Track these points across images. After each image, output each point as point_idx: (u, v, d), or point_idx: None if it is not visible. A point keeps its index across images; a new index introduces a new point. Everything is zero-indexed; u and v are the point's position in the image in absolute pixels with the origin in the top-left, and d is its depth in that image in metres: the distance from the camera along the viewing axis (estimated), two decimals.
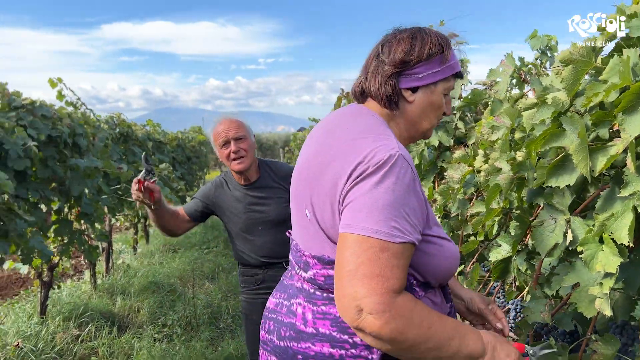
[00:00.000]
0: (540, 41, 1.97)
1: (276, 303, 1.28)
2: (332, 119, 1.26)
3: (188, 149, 8.44)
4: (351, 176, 1.04)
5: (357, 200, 1.01)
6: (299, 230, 1.23)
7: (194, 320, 4.00)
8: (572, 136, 1.22)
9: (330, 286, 1.12)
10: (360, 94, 1.27)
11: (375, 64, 1.22)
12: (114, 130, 4.90)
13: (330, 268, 1.12)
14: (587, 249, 1.16)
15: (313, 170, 1.16)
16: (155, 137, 6.21)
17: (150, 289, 4.70)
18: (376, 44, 1.28)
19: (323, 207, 1.11)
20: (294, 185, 1.27)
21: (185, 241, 7.02)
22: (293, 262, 1.27)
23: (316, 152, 1.18)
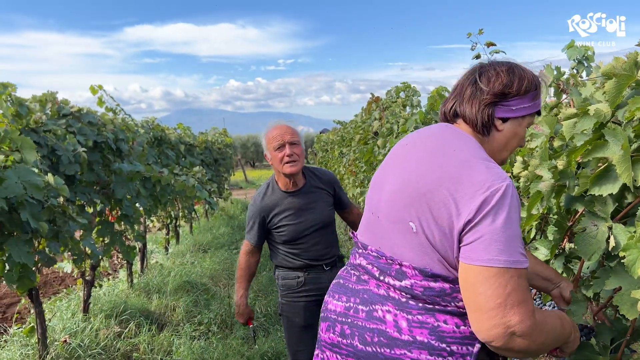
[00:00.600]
0: (577, 51, 2.03)
1: (346, 307, 1.32)
2: (430, 137, 1.34)
3: (215, 152, 8.61)
4: (474, 208, 1.11)
5: (488, 234, 1.10)
6: (392, 237, 1.26)
7: (228, 318, 4.12)
8: (615, 147, 1.28)
9: (429, 298, 1.19)
10: (453, 116, 1.37)
11: (471, 91, 1.33)
12: (148, 134, 5.06)
13: (432, 280, 1.19)
14: (629, 254, 1.22)
15: (421, 188, 1.20)
16: (186, 140, 6.37)
17: (184, 288, 4.84)
18: (469, 70, 1.39)
19: (434, 226, 1.17)
20: (388, 193, 1.30)
21: (214, 241, 7.17)
22: (369, 267, 1.31)
23: (423, 170, 1.23)
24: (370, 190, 1.44)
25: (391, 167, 1.36)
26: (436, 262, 1.19)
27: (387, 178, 1.35)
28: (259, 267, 5.73)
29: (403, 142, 1.42)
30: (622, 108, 1.38)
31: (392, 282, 1.25)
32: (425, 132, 1.39)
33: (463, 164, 1.19)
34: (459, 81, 1.41)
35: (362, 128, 5.13)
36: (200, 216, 9.08)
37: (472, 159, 1.21)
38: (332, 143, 8.38)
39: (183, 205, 5.93)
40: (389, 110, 4.45)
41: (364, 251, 1.35)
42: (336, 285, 1.44)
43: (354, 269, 1.39)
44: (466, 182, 1.15)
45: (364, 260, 1.34)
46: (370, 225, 1.36)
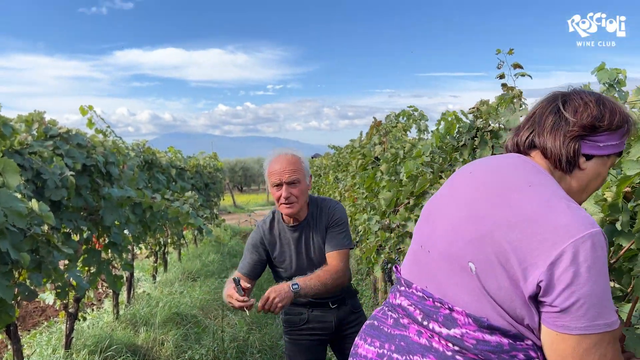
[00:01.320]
0: (608, 74, 1.90)
1: (379, 353, 1.15)
2: (502, 168, 1.16)
3: (205, 176, 8.40)
4: (555, 259, 0.93)
5: (583, 298, 0.92)
6: (444, 276, 1.09)
7: (221, 354, 3.87)
8: None
9: (481, 353, 1.00)
10: (528, 147, 1.19)
11: (554, 120, 1.16)
12: (139, 157, 4.86)
13: (488, 333, 1.00)
14: None
15: (488, 225, 1.03)
16: (177, 164, 6.17)
17: (173, 320, 4.58)
18: (547, 97, 1.22)
19: (499, 271, 0.99)
20: (446, 227, 1.13)
21: (204, 269, 6.91)
22: (411, 309, 1.13)
23: (492, 204, 1.06)
24: (422, 221, 1.26)
25: (451, 198, 1.19)
26: (495, 312, 1.01)
27: (445, 209, 1.17)
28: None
29: (467, 170, 1.24)
30: None
31: (437, 330, 1.06)
32: (495, 162, 1.21)
33: (542, 204, 1.01)
34: (535, 109, 1.24)
35: (361, 153, 4.99)
36: (189, 242, 8.81)
37: (553, 198, 1.03)
38: (327, 168, 8.22)
39: (172, 231, 5.69)
40: (390, 135, 4.31)
41: (406, 289, 1.17)
42: (369, 327, 1.26)
43: (392, 310, 1.21)
44: (545, 225, 0.97)
45: (405, 301, 1.16)
46: (417, 261, 1.19)
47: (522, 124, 1.27)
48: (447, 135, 2.41)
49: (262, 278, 5.21)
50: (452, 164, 2.76)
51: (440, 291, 1.09)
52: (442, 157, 2.48)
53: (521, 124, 1.27)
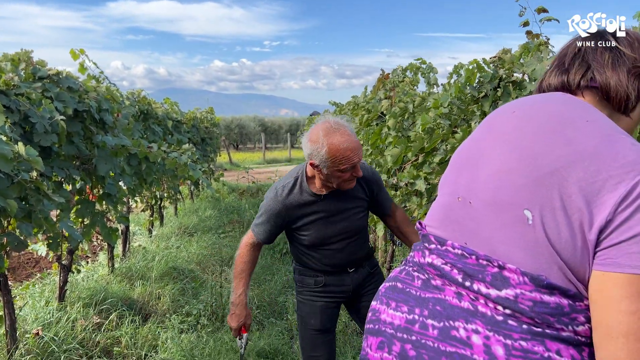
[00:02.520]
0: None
1: (408, 319, 1.00)
2: (551, 105, 1.02)
3: (202, 130, 8.20)
4: (622, 195, 0.82)
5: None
6: (492, 230, 0.94)
7: (219, 310, 3.80)
8: None
9: (539, 316, 0.86)
10: (578, 86, 1.06)
11: (611, 57, 1.03)
12: (134, 106, 4.66)
13: (547, 293, 0.86)
14: None
15: (545, 166, 0.90)
16: (173, 116, 5.97)
17: (170, 275, 4.50)
18: (585, 37, 1.10)
19: (561, 217, 0.86)
20: (490, 172, 0.99)
21: (201, 224, 6.82)
22: (447, 269, 0.98)
23: (547, 143, 0.93)
24: (453, 171, 1.10)
25: (494, 140, 1.03)
26: (555, 268, 0.87)
27: (488, 154, 1.01)
28: None
29: (508, 110, 1.08)
30: None
31: (484, 291, 0.91)
32: (541, 100, 1.06)
33: (604, 139, 0.89)
34: (575, 48, 1.10)
35: (365, 109, 4.80)
36: (185, 197, 8.69)
37: (615, 133, 0.91)
38: None
39: (169, 185, 5.55)
40: (398, 89, 4.12)
41: (438, 247, 1.02)
42: (391, 289, 1.10)
43: (420, 270, 1.06)
44: (610, 160, 0.85)
45: (438, 259, 1.01)
46: (452, 214, 1.03)
47: (559, 65, 1.12)
48: (467, 85, 2.24)
49: (257, 266, 5.11)
50: (468, 118, 2.60)
51: (487, 247, 0.94)
52: (462, 108, 2.31)
53: (557, 65, 1.13)
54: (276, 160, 21.75)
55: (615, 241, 0.82)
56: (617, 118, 1.04)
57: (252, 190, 10.15)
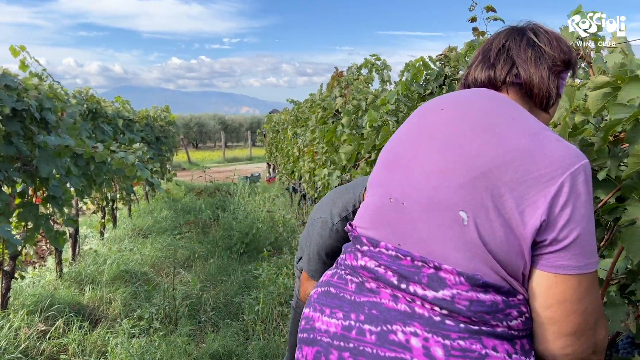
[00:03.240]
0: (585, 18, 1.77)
1: (344, 326, 0.96)
2: (479, 101, 1.02)
3: (157, 129, 8.01)
4: (554, 193, 0.85)
5: (584, 232, 0.86)
6: (426, 231, 0.93)
7: (172, 313, 3.71)
8: None
9: (475, 315, 0.87)
10: (503, 82, 1.09)
11: (533, 54, 1.07)
12: (81, 105, 4.50)
13: (482, 292, 0.87)
14: None
15: (480, 165, 0.90)
16: (125, 115, 5.80)
17: (122, 278, 4.38)
18: (508, 31, 1.14)
19: (495, 217, 0.87)
20: (425, 173, 0.97)
21: (156, 226, 6.66)
22: (381, 271, 0.96)
23: (480, 142, 0.93)
24: (385, 168, 1.07)
25: (426, 139, 1.01)
26: (489, 266, 0.88)
27: (420, 153, 1.00)
28: (206, 254, 5.33)
29: (435, 107, 1.07)
30: None
31: (421, 293, 0.90)
32: (466, 96, 1.06)
33: (531, 137, 0.90)
34: (500, 42, 1.13)
35: (321, 106, 4.80)
36: (140, 198, 8.48)
37: (542, 131, 0.93)
38: (285, 123, 7.98)
39: (121, 186, 5.39)
40: (352, 87, 4.13)
41: (371, 249, 0.99)
42: (324, 295, 1.05)
43: (354, 274, 1.02)
44: (540, 159, 0.87)
45: (371, 262, 0.98)
46: (384, 215, 1.00)
47: (483, 59, 1.14)
48: (414, 82, 2.25)
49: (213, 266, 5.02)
50: None
51: (423, 248, 0.93)
52: (408, 105, 2.33)
53: (482, 59, 1.15)
54: (237, 159, 21.53)
55: (563, 245, 0.85)
56: (536, 113, 1.08)
57: (210, 189, 9.99)
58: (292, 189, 7.84)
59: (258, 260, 5.06)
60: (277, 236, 5.88)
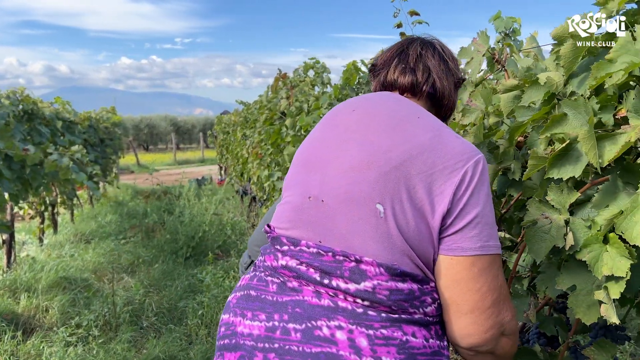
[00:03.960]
0: (505, 23, 1.86)
1: (268, 327, 0.96)
2: (388, 102, 1.09)
3: (101, 131, 7.78)
4: (456, 184, 0.93)
5: (478, 217, 0.94)
6: (345, 226, 0.96)
7: (113, 319, 3.62)
8: (576, 122, 1.09)
9: (395, 304, 0.92)
10: (421, 90, 1.17)
11: (444, 67, 1.18)
12: (16, 106, 4.32)
13: (400, 281, 0.92)
14: (590, 250, 1.04)
15: (393, 160, 0.96)
16: (65, 116, 5.61)
17: (60, 285, 4.23)
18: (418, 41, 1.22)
19: (409, 208, 0.93)
20: (341, 170, 1.00)
21: (99, 230, 6.46)
22: (303, 269, 0.97)
23: (392, 138, 0.99)
24: (302, 170, 1.09)
25: (341, 139, 1.05)
26: (405, 256, 0.93)
27: (336, 152, 1.03)
28: (151, 259, 5.22)
29: (347, 109, 1.11)
30: (575, 78, 1.20)
31: (343, 286, 0.93)
32: (376, 98, 1.12)
33: (435, 133, 1.00)
34: (413, 50, 1.20)
35: (267, 108, 4.80)
36: (84, 202, 8.21)
37: (442, 128, 1.02)
38: (235, 125, 7.92)
39: (61, 190, 5.21)
40: (297, 89, 4.15)
41: (292, 248, 1.00)
42: (244, 299, 1.04)
43: (274, 274, 1.02)
44: (442, 153, 0.96)
45: (292, 261, 0.99)
46: (304, 214, 1.02)
47: (402, 61, 1.21)
48: (347, 86, 2.29)
49: (158, 271, 4.93)
50: None
51: (343, 242, 0.95)
52: None
53: (400, 61, 1.21)
54: (188, 161, 21.17)
55: (458, 227, 0.92)
56: None
57: (158, 193, 9.78)
58: (242, 192, 7.78)
59: (204, 264, 5.00)
60: (225, 239, 5.82)
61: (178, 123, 31.53)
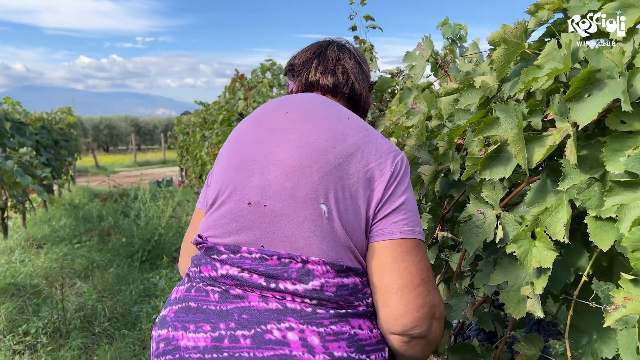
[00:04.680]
0: (452, 30, 1.91)
1: (214, 337, 0.93)
2: (317, 103, 1.12)
3: (55, 132, 7.54)
4: (387, 176, 1.00)
5: (404, 204, 1.00)
6: (290, 228, 0.96)
7: (63, 326, 3.51)
8: (507, 125, 1.13)
9: (342, 299, 0.95)
10: (341, 91, 1.22)
11: (360, 70, 1.23)
12: None
13: (345, 276, 0.96)
14: (520, 245, 1.08)
15: (332, 160, 1.00)
16: (14, 117, 5.41)
17: (8, 292, 4.07)
18: (335, 44, 1.26)
19: (350, 204, 0.98)
20: (283, 172, 0.99)
21: (52, 235, 6.26)
22: (246, 276, 0.96)
23: (328, 138, 1.03)
24: (233, 171, 1.06)
25: (277, 141, 1.03)
26: (348, 252, 0.98)
27: (274, 154, 1.02)
28: (106, 264, 5.09)
29: (280, 110, 1.10)
30: (507, 82, 1.25)
31: (291, 288, 0.93)
32: (308, 100, 1.14)
33: (364, 133, 1.06)
34: (331, 52, 1.25)
35: (225, 108, 4.76)
36: (38, 206, 7.93)
37: (369, 128, 1.08)
38: (194, 125, 7.82)
39: (10, 193, 5.02)
40: (255, 90, 4.14)
41: (232, 256, 0.98)
42: (183, 312, 1.00)
43: (214, 284, 1.00)
44: (374, 151, 1.02)
45: (234, 269, 0.97)
46: (242, 220, 1.00)
47: (322, 62, 1.24)
48: None
49: (112, 276, 4.81)
50: None
51: (288, 245, 0.96)
52: None
53: (319, 63, 1.25)
54: (149, 163, 20.75)
55: (384, 214, 0.97)
56: None
57: (115, 195, 9.54)
58: None
59: (160, 268, 4.91)
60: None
61: (139, 124, 30.88)
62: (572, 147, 0.98)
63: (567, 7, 1.12)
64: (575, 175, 1.01)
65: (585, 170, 1.01)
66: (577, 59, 1.05)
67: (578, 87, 0.95)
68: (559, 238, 1.01)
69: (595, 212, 0.96)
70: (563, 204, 1.03)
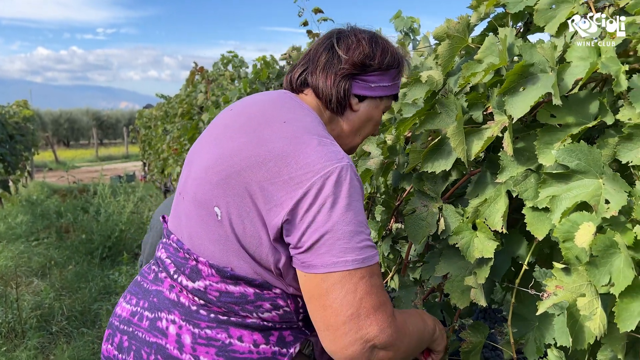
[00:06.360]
0: (404, 23, 1.93)
1: (132, 311, 1.04)
2: (260, 103, 1.06)
3: (10, 126, 7.29)
4: (300, 197, 0.87)
5: (328, 233, 0.86)
6: (193, 225, 0.99)
7: (18, 325, 3.41)
8: (448, 119, 1.15)
9: (225, 305, 0.94)
10: (300, 85, 1.12)
11: (327, 58, 1.09)
12: None
13: (232, 283, 0.94)
14: (462, 237, 1.11)
15: (236, 164, 0.93)
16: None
17: None
18: (324, 35, 1.17)
19: (245, 214, 0.91)
20: (197, 170, 1.01)
21: (8, 232, 6.05)
22: (168, 262, 1.03)
23: (242, 142, 0.95)
24: (184, 166, 1.14)
25: (207, 138, 1.07)
26: (242, 260, 0.94)
27: (201, 152, 1.05)
28: (64, 261, 4.97)
29: (228, 108, 1.13)
30: (453, 76, 1.27)
31: (185, 283, 0.98)
32: (257, 98, 1.12)
33: (292, 140, 0.93)
34: (312, 46, 1.18)
35: (185, 102, 4.69)
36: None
37: (305, 135, 0.94)
38: (156, 119, 7.67)
39: None
40: (215, 83, 4.09)
41: (167, 241, 1.07)
42: (133, 283, 1.14)
43: (156, 264, 1.09)
44: (293, 163, 0.89)
45: (164, 253, 1.05)
46: (176, 208, 1.08)
47: (298, 61, 1.21)
48: (257, 80, 2.29)
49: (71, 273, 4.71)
50: None
51: (189, 241, 1.00)
52: None
53: (298, 61, 1.21)
54: (111, 157, 20.28)
55: (307, 245, 0.87)
56: (336, 120, 1.13)
57: (75, 191, 9.29)
58: (164, 189, 7.57)
59: (120, 265, 4.82)
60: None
61: (101, 117, 30.08)
62: (509, 139, 1.00)
63: (506, 3, 1.14)
64: (513, 167, 1.04)
65: (522, 162, 1.04)
66: (514, 53, 1.07)
67: (512, 81, 0.98)
68: (498, 228, 1.04)
69: (532, 202, 0.99)
70: (501, 195, 1.06)
